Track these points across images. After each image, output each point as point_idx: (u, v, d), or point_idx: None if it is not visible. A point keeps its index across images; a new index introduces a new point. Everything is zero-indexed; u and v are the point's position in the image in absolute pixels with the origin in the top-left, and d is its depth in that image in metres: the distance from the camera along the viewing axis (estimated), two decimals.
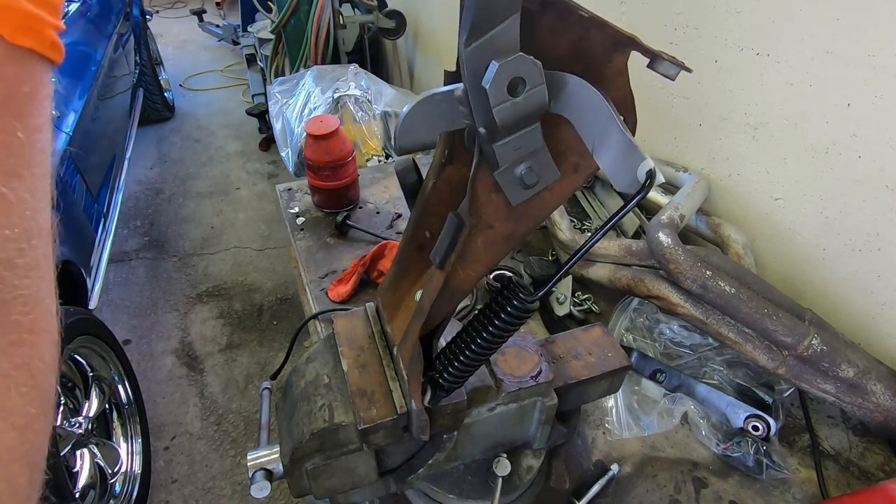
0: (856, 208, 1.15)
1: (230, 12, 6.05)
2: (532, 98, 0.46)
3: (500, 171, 0.52)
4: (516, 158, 0.51)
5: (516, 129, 0.48)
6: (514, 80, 0.44)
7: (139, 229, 3.57)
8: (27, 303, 0.33)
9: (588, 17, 0.46)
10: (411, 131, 0.53)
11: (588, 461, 1.07)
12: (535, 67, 0.45)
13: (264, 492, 0.77)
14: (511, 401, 0.82)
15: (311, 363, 0.82)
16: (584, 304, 1.39)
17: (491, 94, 0.45)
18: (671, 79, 0.44)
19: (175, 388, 2.58)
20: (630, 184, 0.47)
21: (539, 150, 0.51)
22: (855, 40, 1.04)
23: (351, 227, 1.60)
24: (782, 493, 1.03)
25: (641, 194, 0.47)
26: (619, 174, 0.48)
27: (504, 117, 0.46)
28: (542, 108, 0.47)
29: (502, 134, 0.48)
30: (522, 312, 0.63)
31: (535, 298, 0.62)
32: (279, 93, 2.86)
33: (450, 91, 0.51)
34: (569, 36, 0.48)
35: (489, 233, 0.57)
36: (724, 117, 1.38)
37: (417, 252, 0.74)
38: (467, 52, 0.44)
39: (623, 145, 0.47)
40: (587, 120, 0.49)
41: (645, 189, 0.46)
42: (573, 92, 0.48)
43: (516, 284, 0.63)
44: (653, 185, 0.46)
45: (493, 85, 0.44)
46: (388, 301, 0.79)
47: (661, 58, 0.44)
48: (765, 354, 1.09)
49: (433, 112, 0.53)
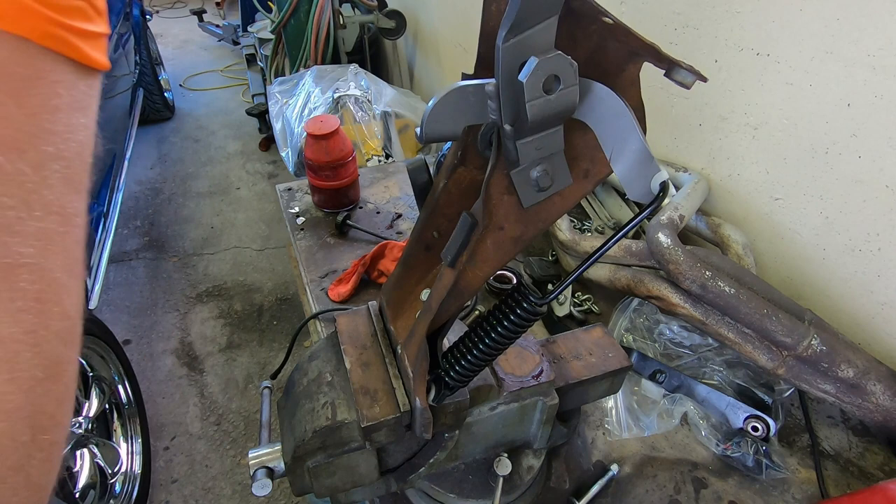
0: (856, 208, 1.15)
1: (230, 12, 6.05)
2: (564, 97, 0.46)
3: (517, 172, 0.52)
4: (536, 158, 0.51)
5: (543, 128, 0.49)
6: (550, 77, 0.45)
7: (139, 229, 3.57)
8: (33, 272, 0.34)
9: (613, 24, 0.46)
10: (439, 121, 0.53)
11: (588, 461, 1.08)
12: (570, 67, 0.45)
13: (266, 490, 0.77)
14: (512, 400, 0.83)
15: (313, 361, 0.82)
16: (584, 304, 1.39)
17: (527, 89, 0.45)
18: (687, 87, 0.44)
19: (175, 388, 2.58)
20: (644, 194, 0.48)
21: (557, 153, 0.52)
22: (855, 40, 1.05)
23: (351, 227, 1.60)
24: (782, 493, 1.03)
25: (654, 205, 0.47)
26: (633, 183, 0.48)
27: (535, 114, 0.46)
28: (571, 108, 0.47)
29: (528, 132, 0.49)
30: (532, 315, 0.64)
31: (545, 302, 0.63)
32: (279, 93, 2.87)
33: (480, 84, 0.52)
34: (587, 44, 0.49)
35: (499, 234, 0.58)
36: (724, 117, 1.38)
37: (424, 252, 0.75)
38: (505, 47, 0.44)
39: (641, 155, 0.47)
40: (608, 127, 0.49)
41: (658, 200, 0.47)
42: (597, 98, 0.49)
43: (526, 288, 0.64)
44: (665, 197, 0.46)
45: (530, 80, 0.44)
46: (392, 299, 0.80)
47: (679, 66, 0.44)
48: (765, 355, 1.09)
49: (462, 104, 0.53)
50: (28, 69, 0.34)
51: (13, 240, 0.33)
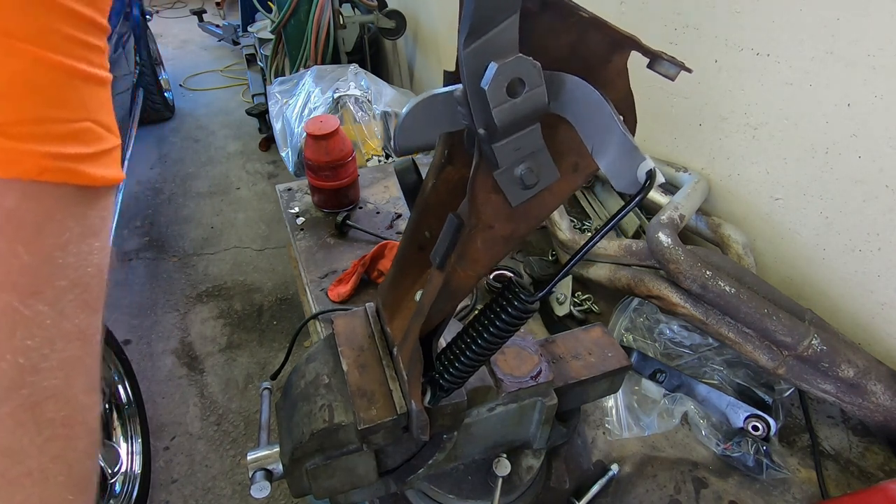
0: (856, 208, 1.15)
1: (230, 12, 6.06)
2: (531, 99, 0.46)
3: (500, 172, 0.51)
4: (516, 159, 0.51)
5: (516, 129, 0.48)
6: (514, 81, 0.44)
7: (139, 229, 3.57)
8: (59, 400, 0.36)
9: (588, 17, 0.46)
10: (411, 132, 0.53)
11: (588, 461, 1.07)
12: (534, 68, 0.45)
13: (264, 492, 0.77)
14: (511, 401, 0.82)
15: (311, 363, 0.82)
16: (584, 304, 1.39)
17: (490, 96, 0.44)
18: (671, 79, 0.44)
19: (175, 388, 2.58)
20: (630, 184, 0.47)
21: (539, 150, 0.51)
22: (855, 40, 1.04)
23: (351, 227, 1.60)
24: (782, 493, 1.03)
25: (641, 195, 0.47)
26: (619, 174, 0.48)
27: (503, 119, 0.46)
28: (541, 109, 0.47)
29: (502, 135, 0.48)
30: (523, 313, 0.63)
31: (535, 299, 0.62)
32: (279, 93, 2.87)
33: (449, 92, 0.51)
34: (568, 36, 0.48)
35: (489, 233, 0.57)
36: (724, 117, 1.38)
37: (417, 252, 0.74)
38: (466, 54, 0.43)
39: (623, 145, 0.46)
40: (587, 120, 0.49)
41: (645, 189, 0.46)
42: (572, 92, 0.48)
43: (517, 285, 0.63)
44: (653, 185, 0.46)
45: (491, 86, 0.44)
46: (388, 301, 0.79)
47: (661, 58, 0.44)
48: (765, 354, 1.09)
49: (433, 113, 0.52)
50: (36, 214, 0.33)
51: (38, 378, 0.34)
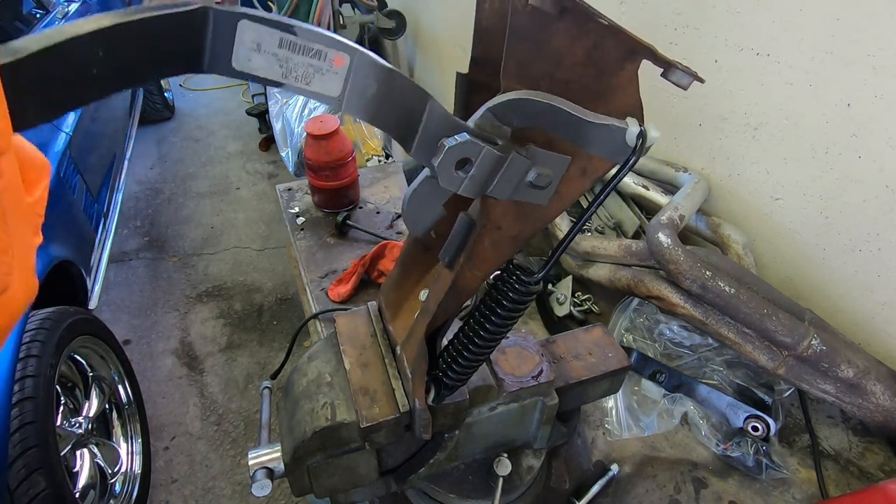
0: (856, 208, 1.15)
1: None
2: (484, 163, 0.47)
3: (511, 194, 0.52)
4: (513, 186, 0.51)
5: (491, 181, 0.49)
6: (459, 162, 0.47)
7: (139, 229, 3.57)
8: None
9: (607, 24, 0.46)
10: (416, 216, 0.54)
11: (588, 461, 1.08)
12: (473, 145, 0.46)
13: (265, 490, 0.77)
14: (512, 400, 0.82)
15: (313, 362, 0.82)
16: (584, 304, 1.39)
17: (446, 183, 0.47)
18: (683, 88, 0.44)
19: (175, 388, 2.58)
20: (619, 149, 0.49)
21: (534, 161, 0.51)
22: (855, 40, 1.04)
23: (351, 227, 1.60)
24: (782, 493, 1.03)
25: (636, 156, 0.48)
26: (612, 153, 0.49)
27: (469, 190, 0.48)
28: (498, 163, 0.48)
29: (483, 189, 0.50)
30: (525, 296, 0.62)
31: (537, 279, 0.61)
32: (279, 93, 2.87)
33: (427, 177, 0.52)
34: (584, 42, 0.48)
35: (497, 234, 0.58)
36: (724, 117, 1.38)
37: (422, 252, 0.75)
38: (414, 156, 0.47)
39: (597, 127, 0.47)
40: (555, 125, 0.49)
41: (639, 150, 0.48)
42: (525, 112, 0.48)
43: (516, 266, 0.62)
44: (645, 141, 0.47)
45: (443, 178, 0.47)
46: (391, 300, 0.79)
47: (676, 67, 0.44)
48: (765, 355, 1.09)
49: (426, 195, 0.53)
50: None
51: None
